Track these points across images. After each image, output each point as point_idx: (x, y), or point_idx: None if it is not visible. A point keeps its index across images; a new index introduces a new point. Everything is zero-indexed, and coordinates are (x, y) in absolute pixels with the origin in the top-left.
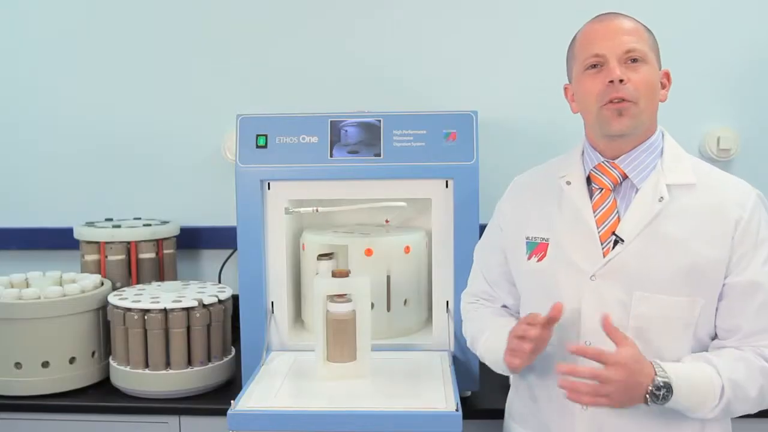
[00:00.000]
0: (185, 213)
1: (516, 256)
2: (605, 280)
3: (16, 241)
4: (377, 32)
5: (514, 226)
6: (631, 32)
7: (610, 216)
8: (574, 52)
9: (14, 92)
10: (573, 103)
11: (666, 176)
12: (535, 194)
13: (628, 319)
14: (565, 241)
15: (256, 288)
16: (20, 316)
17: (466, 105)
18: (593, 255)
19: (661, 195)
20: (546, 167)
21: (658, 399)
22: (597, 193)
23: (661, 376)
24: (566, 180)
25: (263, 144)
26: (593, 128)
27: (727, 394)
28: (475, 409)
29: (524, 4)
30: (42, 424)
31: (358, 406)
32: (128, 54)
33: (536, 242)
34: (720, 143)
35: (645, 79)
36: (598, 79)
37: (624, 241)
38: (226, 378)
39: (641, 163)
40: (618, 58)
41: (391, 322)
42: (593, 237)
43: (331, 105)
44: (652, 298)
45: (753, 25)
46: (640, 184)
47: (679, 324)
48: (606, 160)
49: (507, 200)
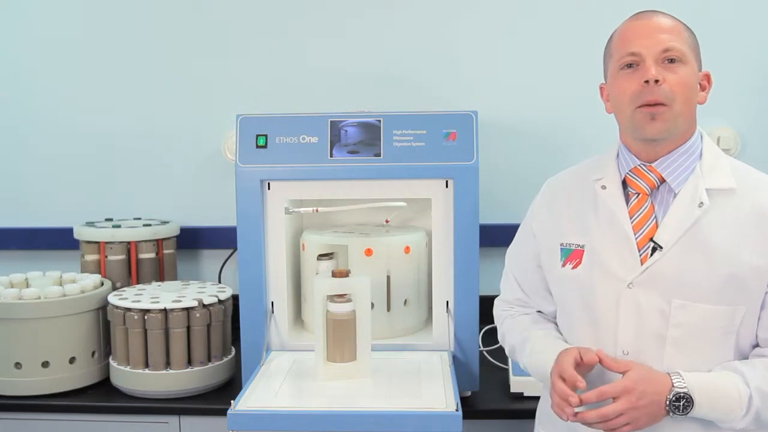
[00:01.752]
0: (185, 213)
1: (550, 263)
2: (643, 288)
3: (16, 241)
4: (377, 32)
5: (548, 232)
6: (669, 30)
7: (647, 222)
8: (610, 50)
9: (14, 92)
10: (608, 103)
11: (705, 180)
12: (569, 198)
13: (667, 328)
14: (601, 248)
15: (256, 288)
16: (20, 316)
17: (466, 105)
18: (630, 262)
19: (701, 200)
20: (579, 169)
21: (679, 410)
22: (633, 197)
23: (678, 386)
24: (601, 184)
25: (263, 144)
26: (627, 130)
27: (755, 404)
28: (475, 409)
29: (524, 4)
30: (42, 424)
31: (358, 406)
32: (128, 54)
33: (571, 249)
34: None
35: (682, 80)
36: (634, 79)
37: (662, 248)
38: (226, 378)
39: (679, 166)
40: (655, 57)
41: (391, 322)
42: (630, 244)
43: (331, 105)
44: (692, 307)
45: (753, 25)
46: (678, 188)
47: (720, 333)
48: (642, 164)
49: (540, 204)
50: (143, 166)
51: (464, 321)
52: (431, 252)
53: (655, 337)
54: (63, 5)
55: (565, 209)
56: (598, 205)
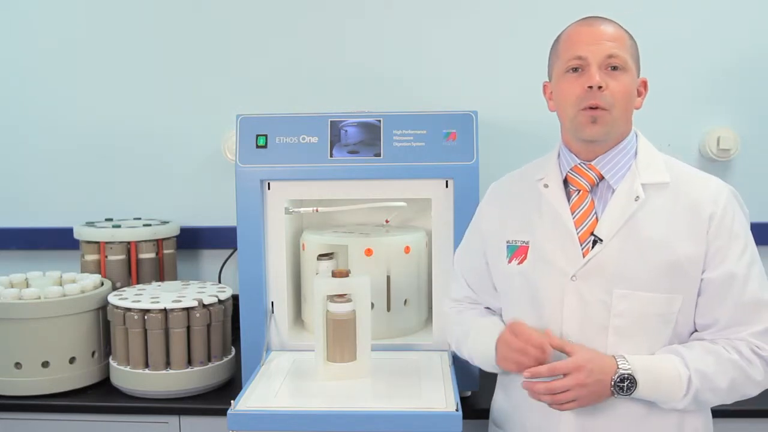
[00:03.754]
0: (185, 213)
1: (497, 260)
2: (586, 280)
3: (16, 241)
4: (377, 32)
5: (494, 230)
6: (614, 38)
7: (588, 217)
8: (557, 51)
9: (14, 92)
10: (550, 101)
11: (641, 176)
12: (514, 198)
13: (609, 318)
14: (545, 243)
15: (256, 288)
16: (20, 316)
17: (466, 105)
18: (573, 256)
19: (637, 194)
20: (523, 171)
21: (623, 390)
22: (575, 194)
23: (623, 368)
24: (544, 183)
25: (263, 144)
26: (568, 130)
27: (695, 385)
28: (475, 409)
29: (524, 4)
30: (42, 424)
31: (358, 406)
32: (128, 54)
33: (516, 245)
34: (720, 143)
35: (623, 87)
36: (578, 83)
37: (603, 241)
38: (226, 378)
39: (617, 164)
40: (599, 63)
41: (391, 322)
42: (572, 238)
43: (331, 105)
44: (632, 296)
45: (753, 25)
46: (616, 184)
47: (659, 321)
48: (582, 162)
49: (486, 205)
50: (143, 166)
51: None
52: (431, 252)
53: (599, 327)
54: (63, 5)
55: (510, 208)
56: (542, 203)
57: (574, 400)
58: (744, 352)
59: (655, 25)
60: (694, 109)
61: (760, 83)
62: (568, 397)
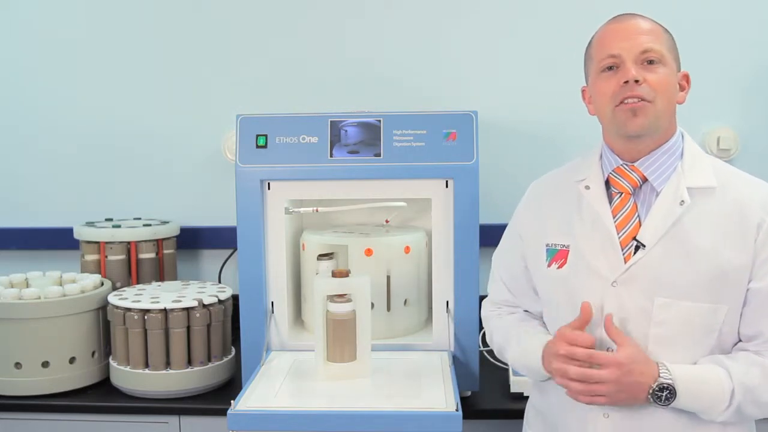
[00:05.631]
0: (185, 213)
1: (536, 264)
2: (626, 286)
3: (16, 241)
4: (377, 32)
5: (533, 233)
6: (648, 32)
7: (630, 221)
8: (590, 53)
9: (15, 93)
10: (590, 105)
11: (687, 179)
12: (554, 200)
13: (650, 326)
14: (585, 248)
15: (256, 288)
16: (20, 316)
17: (466, 105)
18: (614, 261)
19: (682, 198)
20: (564, 171)
21: (660, 400)
22: (617, 197)
23: (664, 377)
24: (585, 184)
25: (263, 144)
26: (609, 130)
27: (737, 398)
28: (475, 409)
29: (524, 4)
30: (42, 424)
31: (358, 406)
32: (128, 54)
33: (556, 249)
34: (720, 143)
35: (662, 79)
36: (613, 80)
37: (645, 247)
38: (226, 378)
39: (661, 165)
40: (634, 59)
41: (391, 322)
42: (613, 243)
43: (331, 105)
44: (674, 305)
45: (753, 26)
46: (660, 187)
47: (702, 331)
48: (625, 163)
49: (525, 206)
50: (143, 166)
51: (464, 321)
52: (431, 252)
53: (639, 335)
54: (63, 5)
55: (550, 210)
56: (582, 206)
57: (605, 396)
58: None
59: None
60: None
61: (760, 83)
62: (600, 390)
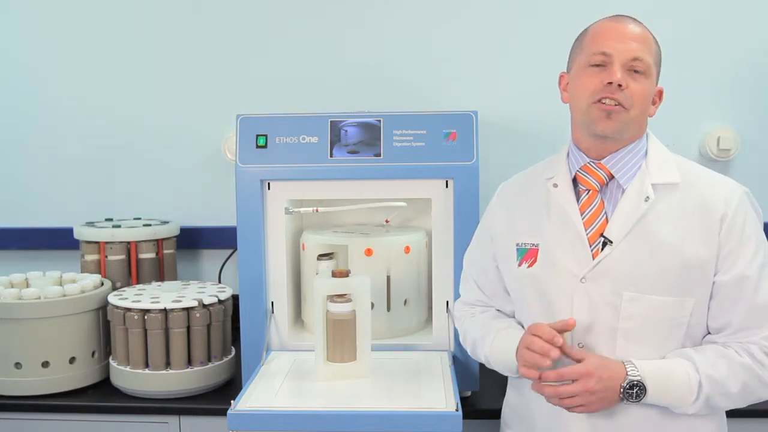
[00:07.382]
0: (185, 213)
1: (507, 264)
2: (595, 282)
3: (16, 241)
4: (377, 32)
5: (503, 233)
6: (641, 41)
7: (597, 217)
8: (582, 43)
9: (15, 92)
10: (564, 92)
11: (651, 176)
12: (523, 199)
13: (618, 321)
14: (554, 245)
15: (256, 288)
16: (20, 316)
17: (466, 105)
18: (582, 257)
19: (647, 195)
20: (532, 171)
21: (632, 397)
22: (584, 194)
23: (632, 374)
24: (553, 182)
25: (263, 144)
26: (579, 124)
27: (705, 390)
28: (475, 409)
29: (524, 4)
30: (42, 424)
31: (358, 406)
32: (128, 54)
33: (526, 248)
34: (720, 143)
35: (642, 91)
36: (597, 78)
37: (612, 243)
38: (226, 378)
39: (627, 163)
40: (623, 63)
41: (391, 322)
42: (582, 239)
43: (331, 105)
44: (642, 299)
45: (753, 26)
46: (626, 184)
47: (670, 324)
48: (592, 161)
49: (495, 207)
50: (143, 166)
51: None
52: (431, 252)
53: (608, 330)
54: (63, 5)
55: (519, 210)
56: (551, 204)
57: (582, 405)
58: (757, 355)
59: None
60: (694, 109)
61: (760, 83)
62: (575, 402)
